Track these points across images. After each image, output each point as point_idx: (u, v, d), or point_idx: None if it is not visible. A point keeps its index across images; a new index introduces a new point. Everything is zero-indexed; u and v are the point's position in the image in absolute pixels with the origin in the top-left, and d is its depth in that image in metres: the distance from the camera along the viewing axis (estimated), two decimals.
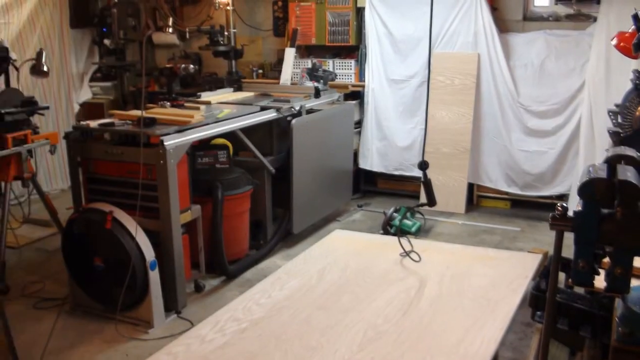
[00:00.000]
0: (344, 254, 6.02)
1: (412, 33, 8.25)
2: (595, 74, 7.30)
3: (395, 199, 8.54)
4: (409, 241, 6.11)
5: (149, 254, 5.09)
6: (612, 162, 2.69)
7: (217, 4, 8.45)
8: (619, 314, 2.90)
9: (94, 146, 5.50)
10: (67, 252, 5.40)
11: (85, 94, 9.55)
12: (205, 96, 7.30)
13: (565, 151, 7.71)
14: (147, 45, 9.96)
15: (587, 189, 2.61)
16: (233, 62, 8.43)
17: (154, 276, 5.12)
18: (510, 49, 7.88)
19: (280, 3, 9.28)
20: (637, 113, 4.33)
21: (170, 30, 8.92)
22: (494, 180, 8.17)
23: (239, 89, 8.17)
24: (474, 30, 7.96)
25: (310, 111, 7.25)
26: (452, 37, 8.12)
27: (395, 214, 7.24)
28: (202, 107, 6.37)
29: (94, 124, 5.56)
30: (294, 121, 6.72)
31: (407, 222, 7.24)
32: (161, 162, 5.08)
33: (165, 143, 5.12)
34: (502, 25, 8.03)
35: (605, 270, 2.69)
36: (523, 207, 8.18)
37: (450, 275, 5.46)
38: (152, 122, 5.41)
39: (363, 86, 8.64)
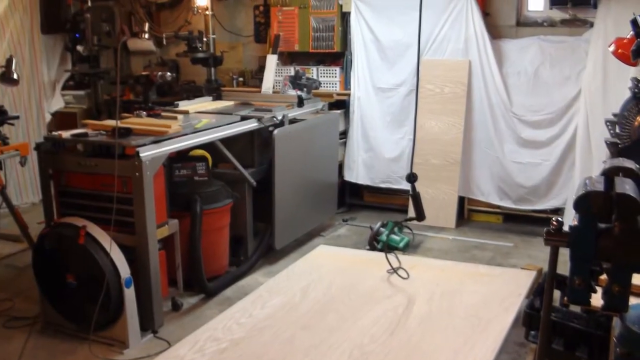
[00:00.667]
0: (329, 270, 6.03)
1: (399, 39, 8.24)
2: (592, 82, 7.28)
3: (382, 213, 8.48)
4: (397, 257, 6.13)
5: (124, 270, 5.04)
6: (609, 175, 2.69)
7: (195, 9, 8.43)
8: (617, 334, 2.88)
9: (67, 158, 5.48)
10: (38, 268, 5.34)
11: (57, 103, 9.51)
12: (183, 105, 7.26)
13: (560, 163, 7.69)
14: (122, 52, 9.84)
15: (584, 203, 2.60)
16: (212, 69, 8.38)
17: (129, 294, 5.07)
18: (503, 56, 7.87)
19: (261, 8, 9.26)
20: (636, 123, 4.34)
21: (147, 36, 8.89)
22: (485, 193, 8.16)
23: (218, 97, 8.15)
24: (465, 36, 7.95)
25: (293, 121, 7.23)
26: (442, 43, 8.11)
27: (382, 229, 7.20)
28: (180, 116, 6.33)
29: (66, 134, 5.52)
30: (276, 131, 6.70)
31: (395, 237, 7.20)
32: (137, 174, 5.06)
33: (141, 154, 5.09)
34: (495, 31, 8.04)
35: (603, 288, 2.67)
36: (516, 221, 8.17)
37: (440, 293, 5.47)
38: (127, 132, 5.37)
39: (348, 95, 8.61)
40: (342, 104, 8.65)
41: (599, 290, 2.72)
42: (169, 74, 6.69)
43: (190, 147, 5.96)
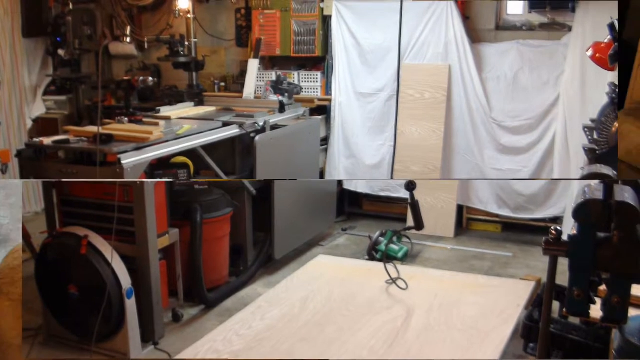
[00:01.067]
0: (328, 281, 6.06)
1: (380, 43, 8.25)
2: (570, 87, 7.35)
3: (382, 222, 8.61)
4: (396, 267, 6.20)
5: (126, 281, 5.10)
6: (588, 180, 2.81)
7: (177, 12, 8.37)
8: (616, 346, 3.00)
9: (48, 165, 5.57)
10: (40, 279, 5.38)
11: (39, 109, 9.43)
12: (165, 111, 7.34)
13: (539, 170, 7.77)
14: (104, 56, 9.91)
15: (583, 211, 2.70)
16: (194, 74, 8.39)
17: (131, 305, 5.14)
18: (483, 61, 7.92)
19: (243, 11, 9.27)
20: (614, 129, 4.48)
21: (128, 39, 8.89)
22: (484, 202, 8.27)
23: (200, 103, 8.21)
24: (445, 41, 7.96)
25: (274, 127, 7.33)
26: (422, 47, 8.11)
27: (381, 239, 7.37)
28: (161, 122, 6.46)
29: (47, 141, 5.63)
30: (257, 138, 6.80)
31: (394, 247, 7.37)
32: (137, 183, 5.11)
33: (122, 161, 5.22)
34: (474, 35, 8.09)
35: (602, 299, 2.77)
36: (515, 230, 8.31)
37: (439, 305, 5.51)
38: (109, 139, 5.48)
39: (330, 100, 8.63)
40: (323, 110, 8.67)
41: (598, 301, 2.80)
42: (150, 78, 6.78)
43: (172, 154, 6.05)
